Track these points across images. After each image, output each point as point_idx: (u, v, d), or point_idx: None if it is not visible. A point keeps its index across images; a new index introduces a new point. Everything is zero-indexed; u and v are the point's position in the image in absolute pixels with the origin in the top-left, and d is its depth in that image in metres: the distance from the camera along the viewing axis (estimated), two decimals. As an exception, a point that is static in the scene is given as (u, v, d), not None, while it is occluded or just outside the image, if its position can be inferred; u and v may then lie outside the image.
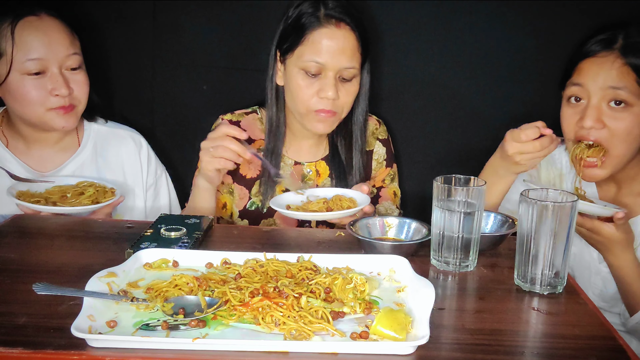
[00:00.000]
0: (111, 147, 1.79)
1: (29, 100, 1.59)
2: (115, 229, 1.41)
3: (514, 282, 1.16)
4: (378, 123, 1.85)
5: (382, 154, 1.84)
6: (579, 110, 1.50)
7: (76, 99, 1.64)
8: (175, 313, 0.97)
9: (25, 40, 1.55)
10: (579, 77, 1.50)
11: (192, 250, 1.22)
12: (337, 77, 1.60)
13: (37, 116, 1.61)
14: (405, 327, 0.94)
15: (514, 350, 0.94)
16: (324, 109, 1.61)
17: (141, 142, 1.83)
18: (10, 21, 1.56)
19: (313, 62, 1.58)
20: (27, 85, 1.57)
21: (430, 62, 1.93)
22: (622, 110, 1.46)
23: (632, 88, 1.44)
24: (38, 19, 1.58)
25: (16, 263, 1.21)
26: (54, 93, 1.59)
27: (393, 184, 1.86)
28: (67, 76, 1.61)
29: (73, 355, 0.88)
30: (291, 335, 0.93)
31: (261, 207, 1.73)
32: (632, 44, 1.45)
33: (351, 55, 1.60)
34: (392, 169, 1.86)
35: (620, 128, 1.46)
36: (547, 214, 1.10)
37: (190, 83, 1.99)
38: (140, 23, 1.94)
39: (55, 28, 1.60)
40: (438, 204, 1.21)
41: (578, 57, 1.52)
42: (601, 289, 1.56)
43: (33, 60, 1.56)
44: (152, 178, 1.85)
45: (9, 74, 1.56)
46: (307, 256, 1.18)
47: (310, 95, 1.61)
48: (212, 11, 1.93)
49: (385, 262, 1.17)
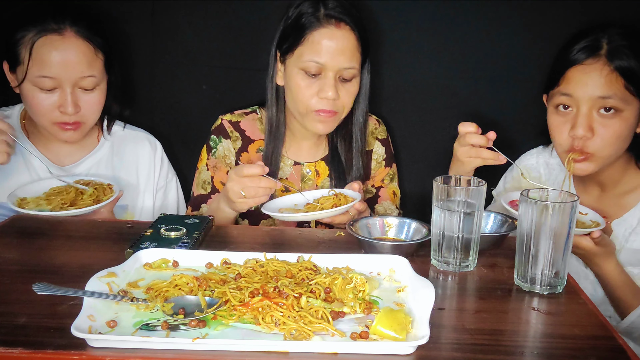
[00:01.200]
0: (128, 147, 1.82)
1: (36, 109, 1.62)
2: (115, 229, 1.41)
3: (514, 282, 1.16)
4: (377, 123, 1.85)
5: (381, 154, 1.84)
6: (568, 118, 1.50)
7: (84, 117, 1.65)
8: (175, 313, 0.97)
9: (41, 57, 1.56)
10: (568, 87, 1.49)
11: (192, 250, 1.22)
12: (337, 77, 1.60)
13: (43, 125, 1.65)
14: (405, 327, 0.94)
15: (514, 350, 0.94)
16: (324, 109, 1.61)
17: (156, 145, 1.86)
18: (34, 34, 1.56)
19: (313, 62, 1.58)
20: (37, 97, 1.59)
21: (431, 62, 1.93)
22: (612, 117, 1.46)
23: (620, 94, 1.45)
24: (61, 38, 1.57)
25: (16, 263, 1.21)
26: (60, 109, 1.60)
27: (392, 184, 1.86)
28: (78, 95, 1.62)
29: (73, 355, 0.88)
30: (291, 335, 0.93)
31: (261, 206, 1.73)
32: (617, 48, 1.45)
33: (351, 55, 1.60)
34: (391, 168, 1.86)
35: (609, 133, 1.47)
36: (547, 214, 1.10)
37: (190, 83, 1.99)
38: (139, 23, 1.94)
39: (75, 49, 1.59)
40: (438, 204, 1.21)
41: (564, 65, 1.51)
42: (591, 293, 1.57)
43: (44, 77, 1.57)
44: (163, 181, 1.87)
45: (22, 82, 1.59)
46: (307, 256, 1.18)
47: (310, 96, 1.61)
48: (212, 11, 1.93)
49: (385, 262, 1.17)
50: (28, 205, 1.51)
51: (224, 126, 1.76)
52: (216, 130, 1.77)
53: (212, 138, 1.76)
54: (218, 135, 1.76)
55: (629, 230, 1.55)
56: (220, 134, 1.76)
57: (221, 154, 1.75)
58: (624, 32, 1.47)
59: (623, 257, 1.54)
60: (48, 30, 1.57)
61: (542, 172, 1.74)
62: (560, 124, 1.52)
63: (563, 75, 1.50)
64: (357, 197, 1.49)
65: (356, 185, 1.55)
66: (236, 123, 1.77)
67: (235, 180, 1.45)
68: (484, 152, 1.51)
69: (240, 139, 1.76)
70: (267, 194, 1.47)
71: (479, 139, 1.50)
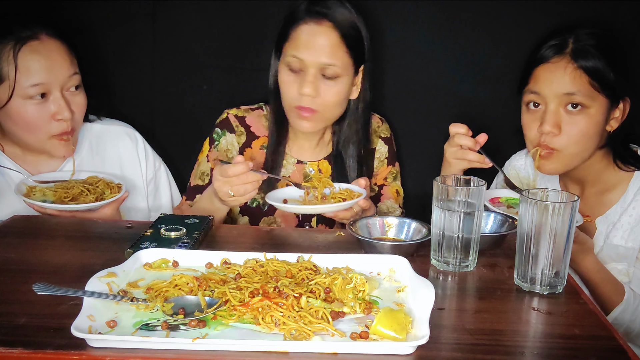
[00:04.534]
0: (107, 145, 1.79)
1: (31, 125, 1.57)
2: (115, 229, 1.41)
3: (514, 282, 1.16)
4: (380, 121, 1.85)
5: (384, 152, 1.84)
6: (538, 116, 1.55)
7: (76, 122, 1.64)
8: (175, 313, 0.97)
9: (28, 65, 1.53)
10: (535, 84, 1.54)
11: (192, 250, 1.22)
12: (317, 74, 1.59)
13: (39, 142, 1.61)
14: (405, 327, 0.94)
15: (514, 350, 0.94)
16: (302, 106, 1.61)
17: (136, 137, 1.83)
18: (13, 45, 1.53)
19: (294, 58, 1.59)
20: (30, 110, 1.55)
21: (432, 62, 1.93)
22: (579, 113, 1.50)
23: (585, 91, 1.49)
24: (40, 43, 1.56)
25: (16, 263, 1.21)
26: (56, 117, 1.58)
27: (395, 183, 1.86)
28: (68, 98, 1.60)
29: (73, 355, 0.88)
30: (291, 335, 0.93)
31: (262, 204, 1.73)
32: (581, 48, 1.49)
33: (331, 52, 1.58)
34: (394, 167, 1.86)
35: (575, 130, 1.51)
36: (547, 214, 1.10)
37: (190, 83, 1.99)
38: (139, 23, 1.94)
39: (56, 50, 1.58)
40: (438, 204, 1.21)
41: (532, 63, 1.55)
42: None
43: (36, 85, 1.54)
44: (152, 171, 1.85)
45: (10, 99, 1.54)
46: (307, 256, 1.18)
47: (293, 92, 1.61)
48: (212, 11, 1.93)
49: (385, 262, 1.17)
50: (35, 195, 1.51)
51: (230, 120, 1.76)
52: (221, 124, 1.76)
53: (215, 131, 1.76)
54: (222, 129, 1.75)
55: (610, 227, 1.57)
56: (224, 127, 1.75)
57: (223, 148, 1.75)
58: (592, 32, 1.52)
59: (605, 254, 1.56)
60: (24, 38, 1.54)
61: (530, 172, 1.76)
62: (530, 121, 1.57)
63: (532, 74, 1.55)
64: (362, 193, 1.49)
65: (363, 182, 1.54)
66: (242, 118, 1.77)
67: (221, 181, 1.44)
68: (471, 154, 1.53)
69: (245, 134, 1.76)
70: (256, 187, 1.46)
71: (467, 141, 1.53)
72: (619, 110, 1.54)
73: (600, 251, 1.57)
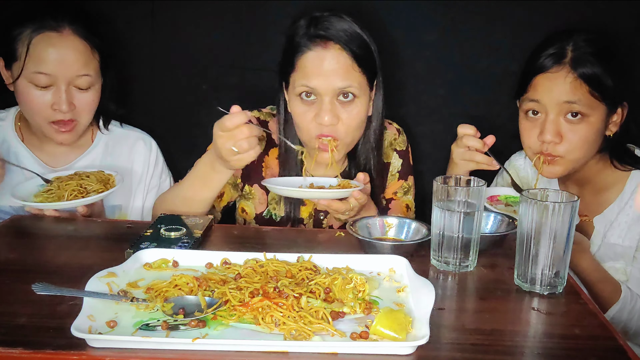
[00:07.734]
0: (122, 147, 1.82)
1: (30, 107, 1.61)
2: (115, 229, 1.41)
3: (514, 282, 1.16)
4: (398, 132, 1.78)
5: (397, 166, 1.76)
6: (537, 123, 1.55)
7: (78, 115, 1.65)
8: (175, 313, 0.97)
9: (38, 53, 1.56)
10: (535, 93, 1.53)
11: (192, 250, 1.23)
12: (333, 100, 1.51)
13: (38, 125, 1.65)
14: (405, 327, 0.94)
15: (514, 350, 0.94)
16: (323, 134, 1.52)
17: (151, 145, 1.85)
18: (31, 31, 1.56)
19: (305, 87, 1.51)
20: (32, 94, 1.59)
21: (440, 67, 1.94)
22: (579, 122, 1.50)
23: (585, 100, 1.48)
24: (58, 36, 1.58)
25: (16, 263, 1.21)
26: (54, 107, 1.60)
27: (406, 197, 1.78)
28: (72, 93, 1.61)
29: (73, 355, 0.88)
30: (291, 335, 0.93)
31: (276, 217, 1.71)
32: (580, 56, 1.48)
33: (345, 75, 1.50)
34: (406, 181, 1.78)
35: (577, 138, 1.51)
36: (547, 214, 1.10)
37: (190, 83, 1.99)
38: (139, 23, 1.94)
39: (73, 47, 1.59)
40: (438, 204, 1.21)
41: (531, 72, 1.55)
42: None
43: (42, 74, 1.57)
44: (157, 180, 1.86)
45: (18, 78, 1.59)
46: (307, 256, 1.18)
47: (309, 122, 1.53)
48: (212, 11, 1.93)
49: (385, 262, 1.17)
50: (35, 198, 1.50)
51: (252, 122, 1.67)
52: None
53: None
54: None
55: (608, 226, 1.57)
56: None
57: None
58: (589, 39, 1.51)
59: (603, 252, 1.57)
60: (46, 28, 1.57)
61: (529, 172, 1.77)
62: (529, 128, 1.57)
63: (531, 83, 1.54)
64: (359, 186, 1.47)
65: (361, 176, 1.50)
66: (264, 122, 1.69)
67: (223, 137, 1.35)
68: (478, 155, 1.52)
69: (265, 139, 1.67)
70: (257, 143, 1.38)
71: (475, 142, 1.52)
72: (617, 115, 1.55)
73: (597, 250, 1.58)
